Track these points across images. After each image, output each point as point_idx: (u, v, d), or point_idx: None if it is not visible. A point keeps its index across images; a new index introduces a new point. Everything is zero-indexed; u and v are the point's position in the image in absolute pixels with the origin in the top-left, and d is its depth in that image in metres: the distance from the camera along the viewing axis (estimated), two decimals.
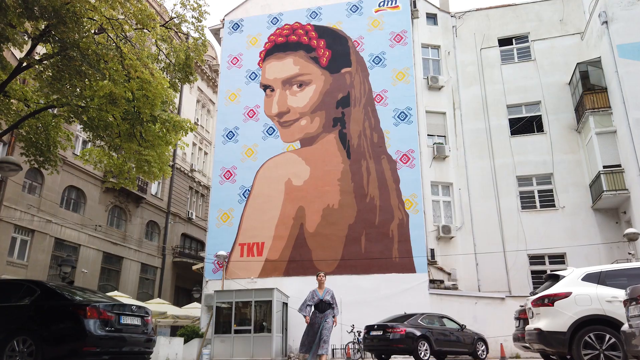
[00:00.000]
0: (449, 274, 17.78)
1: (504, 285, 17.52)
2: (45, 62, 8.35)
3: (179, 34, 10.47)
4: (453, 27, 21.13)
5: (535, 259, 17.84)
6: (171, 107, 11.02)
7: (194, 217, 30.24)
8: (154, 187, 27.49)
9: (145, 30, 8.73)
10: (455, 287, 17.37)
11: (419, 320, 13.12)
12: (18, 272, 19.03)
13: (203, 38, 10.55)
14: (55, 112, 10.52)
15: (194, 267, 19.10)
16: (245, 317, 15.79)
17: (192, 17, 10.00)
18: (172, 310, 20.96)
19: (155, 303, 21.06)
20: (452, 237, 17.87)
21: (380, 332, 12.68)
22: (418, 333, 12.48)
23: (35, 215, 20.11)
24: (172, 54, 10.13)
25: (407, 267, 16.78)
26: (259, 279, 17.37)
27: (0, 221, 18.57)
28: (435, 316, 13.92)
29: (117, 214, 25.21)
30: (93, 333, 6.09)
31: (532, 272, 17.64)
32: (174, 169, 28.25)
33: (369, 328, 13.08)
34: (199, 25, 10.26)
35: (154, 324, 23.10)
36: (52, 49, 8.15)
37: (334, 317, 8.70)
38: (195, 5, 9.95)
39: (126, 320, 6.63)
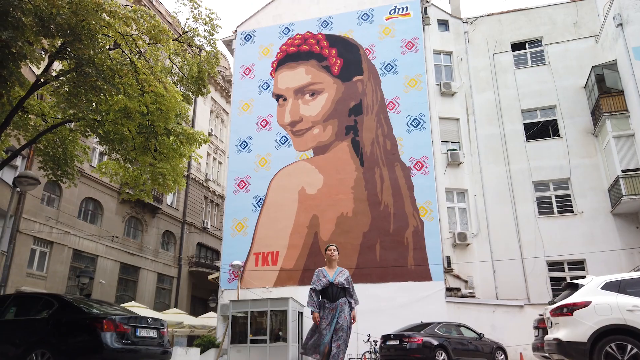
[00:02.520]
0: (466, 281, 17.58)
1: (523, 293, 17.24)
2: (61, 78, 8.53)
3: (192, 47, 10.60)
4: (465, 32, 21.04)
5: (554, 266, 17.54)
6: (185, 120, 11.14)
7: (209, 226, 30.42)
8: (169, 198, 27.74)
9: (158, 45, 8.87)
10: (472, 295, 17.16)
11: (435, 329, 12.97)
12: (37, 283, 19.32)
13: (215, 51, 10.67)
14: (72, 126, 10.72)
15: (210, 277, 19.20)
16: (261, 326, 15.78)
17: (204, 30, 10.15)
18: (189, 320, 21.05)
19: (172, 313, 21.18)
20: (469, 244, 17.68)
21: (396, 342, 12.57)
22: (435, 342, 12.33)
23: (54, 227, 20.42)
24: (185, 67, 10.28)
25: (423, 275, 16.63)
26: (274, 288, 17.37)
27: (19, 233, 18.89)
28: (453, 325, 13.75)
29: (133, 225, 25.48)
30: (109, 346, 6.14)
31: (551, 279, 17.32)
32: (188, 180, 28.50)
33: (385, 337, 12.97)
34: (211, 39, 10.40)
35: (171, 334, 23.24)
36: (69, 65, 8.33)
37: (352, 308, 6.22)
38: (207, 19, 10.09)
39: (142, 332, 6.68)
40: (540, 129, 19.24)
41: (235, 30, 21.81)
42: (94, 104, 8.92)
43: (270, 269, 17.69)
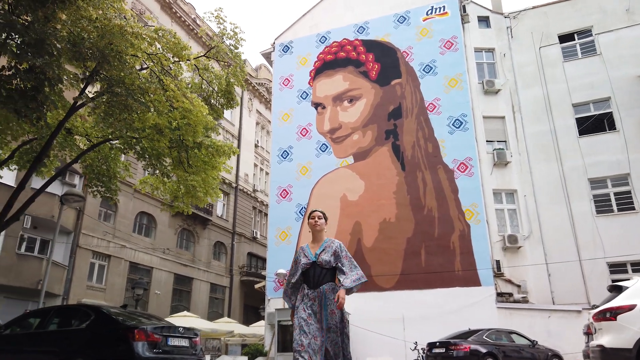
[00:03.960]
0: (519, 286, 16.78)
1: (582, 297, 16.23)
2: (97, 99, 9.01)
3: (219, 61, 10.91)
4: (507, 28, 20.29)
5: (615, 267, 16.40)
6: (215, 132, 11.47)
7: (258, 236, 30.93)
8: (219, 209, 28.50)
9: (181, 63, 9.20)
10: (525, 300, 16.35)
11: (484, 337, 12.45)
12: (97, 295, 20.35)
13: (241, 64, 10.91)
14: (112, 144, 11.31)
15: (256, 286, 19.48)
16: None
17: (230, 45, 10.38)
18: (240, 328, 21.42)
19: (223, 322, 21.64)
20: (520, 247, 16.90)
21: (442, 350, 12.16)
22: (484, 350, 11.83)
23: (111, 241, 21.48)
24: (214, 81, 10.58)
25: (472, 280, 16.06)
26: None
27: (79, 248, 20.02)
28: (503, 332, 13.15)
29: (185, 237, 26.34)
30: (141, 355, 6.34)
31: (613, 281, 16.18)
32: (237, 191, 29.19)
33: (431, 345, 12.59)
34: (236, 53, 10.63)
35: (224, 343, 23.73)
36: (102, 86, 8.80)
37: (347, 290, 4.34)
38: (232, 34, 10.33)
39: (174, 342, 6.85)
40: (594, 123, 18.16)
41: (274, 43, 22.19)
42: (128, 122, 9.37)
43: None
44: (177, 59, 8.91)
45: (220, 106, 10.99)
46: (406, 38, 19.88)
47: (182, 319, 18.60)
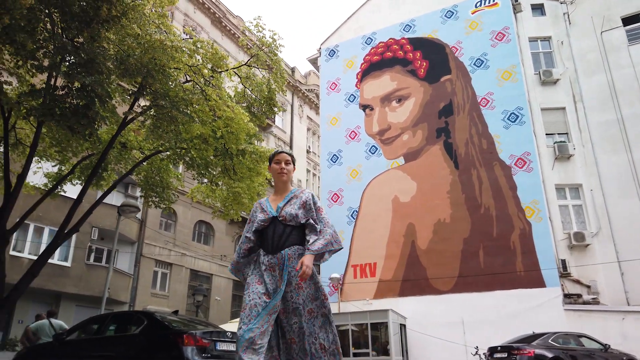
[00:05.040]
0: (588, 286, 15.72)
1: None
2: (145, 113, 9.40)
3: (260, 69, 11.07)
4: (564, 14, 19.21)
5: None
6: (258, 139, 11.61)
7: None
8: None
9: (221, 73, 9.39)
10: (596, 302, 15.28)
11: (550, 340, 11.70)
12: (161, 302, 21.16)
13: (280, 70, 10.99)
14: (163, 156, 11.74)
15: None
16: (361, 340, 15.58)
17: (269, 51, 10.49)
18: None
19: None
20: (588, 245, 15.85)
21: (504, 355, 11.55)
22: (550, 355, 11.11)
23: (172, 249, 22.30)
24: (256, 89, 10.74)
25: (535, 281, 15.23)
26: (375, 300, 17.08)
27: (143, 257, 20.93)
28: (571, 335, 12.31)
29: None
30: (190, 359, 6.46)
31: None
32: None
33: (492, 350, 12.00)
34: (276, 59, 10.71)
35: None
36: (149, 100, 9.17)
37: (321, 255, 3.29)
38: (270, 41, 10.44)
39: (222, 346, 6.93)
40: None
41: (320, 48, 22.27)
42: (175, 134, 9.70)
43: (369, 281, 17.46)
44: (216, 69, 9.13)
45: (263, 113, 11.14)
46: (455, 33, 19.32)
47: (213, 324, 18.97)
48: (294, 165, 3.65)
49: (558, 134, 17.72)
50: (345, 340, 15.65)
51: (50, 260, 17.31)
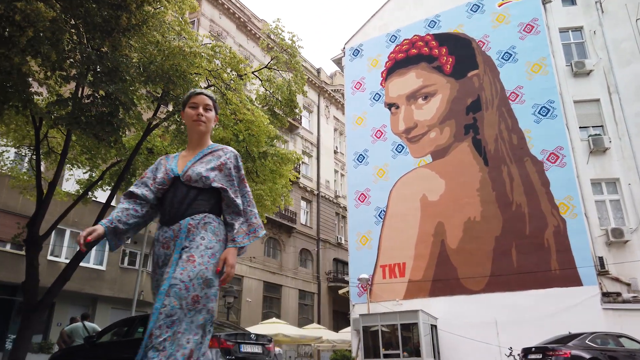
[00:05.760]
0: (628, 284, 15.08)
1: None
2: (168, 119, 9.56)
3: (280, 71, 11.10)
4: (596, 3, 18.53)
5: None
6: (280, 140, 11.65)
7: (342, 241, 30.95)
8: (302, 217, 28.96)
9: (239, 76, 9.46)
10: (637, 300, 14.64)
11: (587, 341, 11.27)
12: None
13: (300, 72, 11.00)
14: None
15: (340, 292, 19.45)
16: (392, 341, 15.41)
17: (288, 53, 10.50)
18: (328, 334, 21.48)
19: (312, 328, 21.85)
20: (627, 241, 15.22)
21: (539, 356, 11.19)
22: (587, 356, 10.70)
23: None
24: (277, 91, 10.78)
25: (571, 279, 14.72)
26: (405, 300, 16.87)
27: None
28: (610, 335, 11.82)
29: (272, 245, 27.06)
30: None
31: None
32: (318, 198, 29.49)
33: (526, 351, 11.65)
34: (294, 61, 10.71)
35: (314, 349, 23.94)
36: (172, 106, 9.33)
37: (229, 245, 2.49)
38: (290, 43, 10.45)
39: (246, 348, 6.96)
40: None
41: (344, 48, 22.18)
42: None
43: (399, 281, 17.26)
44: (235, 73, 9.20)
45: (284, 115, 11.17)
46: (481, 27, 18.90)
47: (270, 326, 19.07)
48: (217, 112, 2.79)
49: (592, 126, 17.11)
50: (375, 341, 15.54)
51: (86, 265, 17.92)
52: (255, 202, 10.85)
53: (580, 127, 16.94)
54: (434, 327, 15.67)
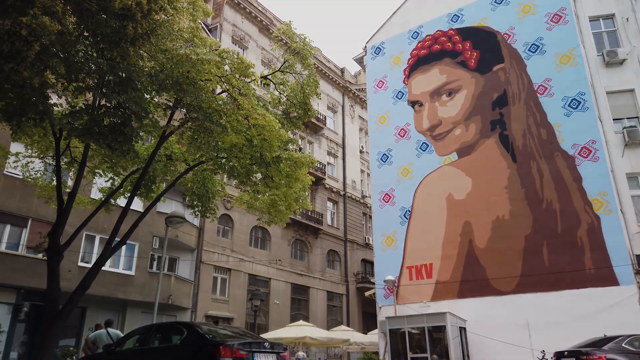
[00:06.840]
0: None
1: None
2: (183, 126, 9.59)
3: (293, 74, 11.00)
4: None
5: None
6: (294, 143, 11.55)
7: (370, 242, 30.65)
8: (328, 218, 28.82)
9: (247, 81, 9.40)
10: None
11: (624, 344, 10.69)
12: (221, 307, 21.68)
13: (313, 74, 10.86)
14: (206, 166, 11.97)
15: (367, 294, 19.19)
16: (420, 343, 15.08)
17: (301, 57, 10.37)
18: (356, 337, 21.27)
19: (340, 330, 21.69)
20: None
21: None
22: None
23: (230, 255, 22.80)
24: (291, 95, 10.68)
25: (606, 279, 14.06)
26: (432, 302, 16.51)
27: (202, 264, 21.54)
28: None
29: (299, 247, 27.03)
30: None
31: None
32: (345, 198, 29.27)
33: (559, 355, 11.16)
34: (306, 63, 10.57)
35: (344, 351, 23.75)
36: (185, 113, 9.36)
37: None
38: (302, 45, 10.32)
39: (260, 357, 6.86)
40: None
41: (365, 47, 21.91)
42: (212, 144, 9.85)
43: (426, 282, 16.89)
44: (244, 78, 9.14)
45: (298, 118, 11.07)
46: (506, 19, 18.32)
47: (297, 329, 19.02)
48: None
49: (627, 118, 16.32)
50: (402, 344, 15.23)
51: (115, 270, 18.29)
52: (270, 207, 10.79)
53: (614, 119, 16.18)
54: (462, 330, 15.25)
